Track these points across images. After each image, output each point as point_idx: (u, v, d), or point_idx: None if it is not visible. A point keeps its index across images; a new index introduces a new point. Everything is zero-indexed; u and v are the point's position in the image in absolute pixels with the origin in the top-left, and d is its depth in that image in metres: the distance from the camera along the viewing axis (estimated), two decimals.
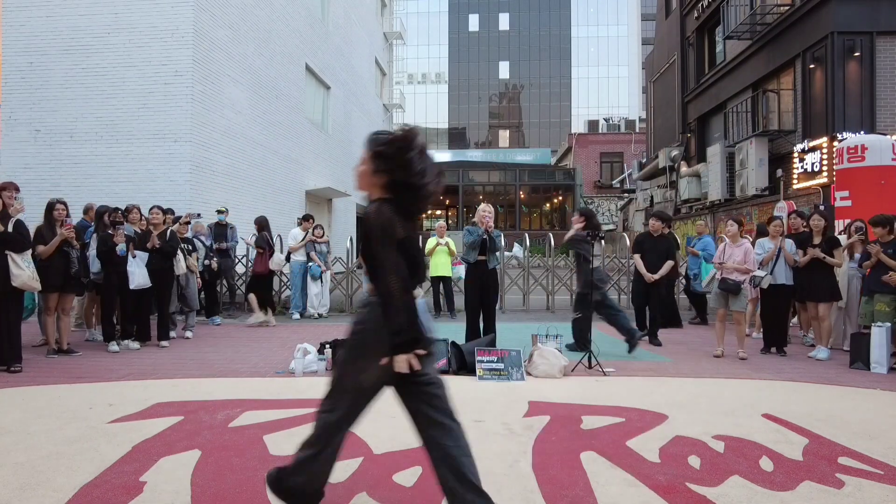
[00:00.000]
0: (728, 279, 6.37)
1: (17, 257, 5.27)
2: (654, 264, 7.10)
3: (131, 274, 6.41)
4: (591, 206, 35.58)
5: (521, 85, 55.49)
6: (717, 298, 6.51)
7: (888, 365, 5.69)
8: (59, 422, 3.79)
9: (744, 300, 6.48)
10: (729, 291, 6.36)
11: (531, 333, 6.07)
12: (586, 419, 3.98)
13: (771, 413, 4.15)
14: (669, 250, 7.25)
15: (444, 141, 55.70)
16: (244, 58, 12.65)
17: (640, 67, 48.15)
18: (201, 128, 10.95)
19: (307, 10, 16.41)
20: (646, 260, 7.19)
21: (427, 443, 2.25)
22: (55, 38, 10.78)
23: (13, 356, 5.33)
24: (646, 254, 7.23)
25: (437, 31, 55.27)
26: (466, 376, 5.25)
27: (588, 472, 3.02)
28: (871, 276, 6.03)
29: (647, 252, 7.23)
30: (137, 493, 2.72)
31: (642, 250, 7.27)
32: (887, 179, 7.73)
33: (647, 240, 7.34)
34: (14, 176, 9.29)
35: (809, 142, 12.47)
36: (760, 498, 2.74)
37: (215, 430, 3.65)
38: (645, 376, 5.42)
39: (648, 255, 7.20)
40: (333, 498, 2.68)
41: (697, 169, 18.33)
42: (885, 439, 3.62)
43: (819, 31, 12.43)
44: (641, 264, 7.19)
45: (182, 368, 5.58)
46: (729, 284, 6.34)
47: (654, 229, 7.29)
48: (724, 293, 6.42)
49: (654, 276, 7.03)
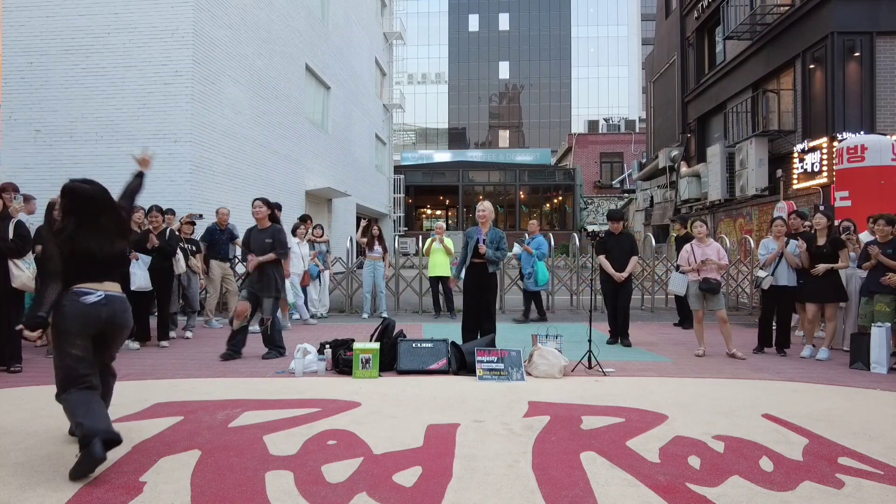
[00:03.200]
0: (710, 279, 6.39)
1: (18, 258, 5.28)
2: (619, 262, 7.12)
3: (133, 275, 6.40)
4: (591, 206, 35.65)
5: (521, 85, 55.50)
6: (696, 299, 6.53)
7: (888, 365, 5.69)
8: (59, 422, 3.78)
9: (722, 300, 6.54)
10: (709, 291, 6.39)
11: (531, 333, 6.07)
12: (586, 419, 3.98)
13: (771, 413, 4.15)
14: (633, 247, 7.28)
15: (444, 141, 55.73)
16: (244, 58, 12.65)
17: (640, 67, 48.18)
18: (201, 128, 10.95)
19: (307, 10, 16.41)
20: (611, 259, 7.19)
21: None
22: (55, 38, 10.78)
23: (13, 356, 5.33)
24: (610, 253, 7.22)
25: (437, 31, 55.28)
26: (466, 376, 5.25)
27: (588, 472, 3.02)
28: (870, 277, 6.02)
29: (610, 251, 7.23)
30: (137, 493, 2.72)
31: (606, 250, 7.26)
32: (887, 179, 7.73)
33: (609, 239, 7.34)
34: (14, 176, 9.29)
35: (809, 142, 12.48)
36: (760, 498, 2.74)
37: (215, 430, 3.65)
38: (645, 376, 5.42)
39: (613, 253, 7.20)
40: (333, 498, 2.68)
41: (697, 169, 18.35)
42: (885, 439, 3.62)
43: (819, 31, 12.44)
44: (608, 264, 7.17)
45: (182, 368, 5.57)
46: (711, 284, 6.37)
47: (615, 228, 7.30)
48: (702, 293, 6.45)
49: (622, 274, 7.05)
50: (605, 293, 7.55)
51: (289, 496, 2.70)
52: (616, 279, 7.09)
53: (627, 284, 7.26)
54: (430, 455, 3.26)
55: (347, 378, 5.16)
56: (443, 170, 38.52)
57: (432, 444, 3.44)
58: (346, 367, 5.30)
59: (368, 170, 23.91)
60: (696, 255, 6.59)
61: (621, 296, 7.21)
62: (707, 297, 6.46)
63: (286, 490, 2.77)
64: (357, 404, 4.29)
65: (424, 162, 42.70)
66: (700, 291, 6.46)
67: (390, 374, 5.34)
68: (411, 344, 5.53)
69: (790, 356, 6.51)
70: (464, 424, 3.82)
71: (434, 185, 37.67)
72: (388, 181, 28.51)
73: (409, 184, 33.44)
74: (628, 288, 7.33)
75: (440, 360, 5.42)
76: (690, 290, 6.68)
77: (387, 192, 28.07)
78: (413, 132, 55.94)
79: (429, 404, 4.32)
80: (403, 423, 3.85)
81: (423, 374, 5.31)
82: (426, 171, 37.83)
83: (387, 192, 28.09)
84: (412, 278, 10.61)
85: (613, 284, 7.20)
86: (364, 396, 4.50)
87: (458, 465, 3.10)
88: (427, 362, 5.41)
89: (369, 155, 24.07)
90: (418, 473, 2.99)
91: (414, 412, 4.10)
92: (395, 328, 5.79)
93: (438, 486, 2.83)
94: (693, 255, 6.60)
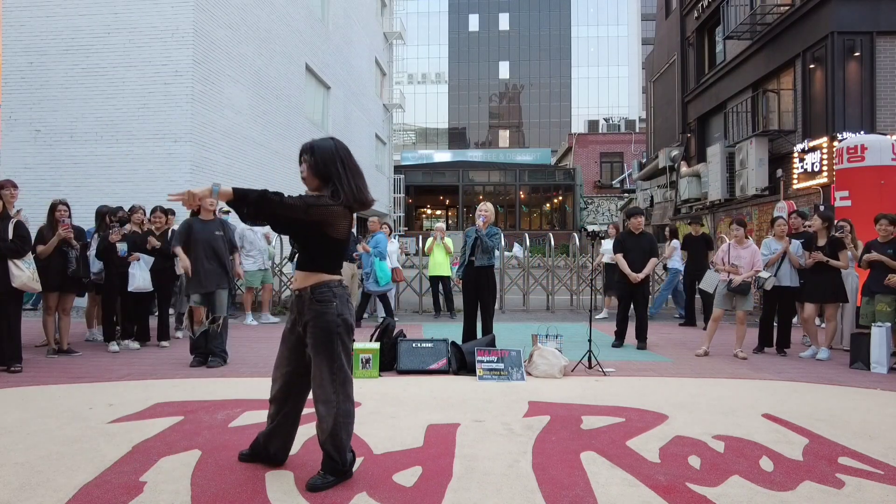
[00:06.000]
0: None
1: (18, 259, 5.27)
2: (637, 263, 6.87)
3: (132, 276, 6.40)
4: (591, 206, 35.63)
5: (521, 85, 55.49)
6: (723, 299, 6.47)
7: (888, 365, 5.69)
8: (59, 422, 3.78)
9: (751, 301, 6.47)
10: (737, 292, 6.35)
11: (531, 333, 6.06)
12: (586, 419, 3.98)
13: (771, 413, 4.15)
14: (652, 247, 7.00)
15: (444, 141, 55.72)
16: (244, 58, 12.64)
17: (640, 67, 48.15)
18: (201, 128, 10.95)
19: (307, 10, 16.41)
20: (628, 259, 6.93)
21: None
22: (55, 38, 10.77)
23: (13, 356, 5.33)
24: (628, 253, 6.96)
25: (437, 31, 55.27)
26: (466, 376, 5.25)
27: (588, 472, 3.02)
28: (871, 277, 6.02)
29: (628, 251, 6.96)
30: (137, 493, 2.72)
31: (624, 249, 6.99)
32: (887, 179, 7.71)
33: (628, 238, 7.07)
34: (14, 176, 9.24)
35: (809, 142, 12.47)
36: (760, 498, 2.74)
37: (215, 430, 3.65)
38: (645, 376, 5.42)
39: (631, 253, 6.94)
40: (333, 498, 2.68)
41: (697, 169, 18.33)
42: (885, 439, 3.62)
43: (819, 31, 12.43)
44: (625, 264, 6.89)
45: (182, 368, 5.57)
46: (739, 285, 6.33)
47: (635, 226, 7.03)
48: (731, 294, 6.40)
49: (638, 275, 6.80)
50: (619, 294, 7.24)
51: (289, 496, 2.70)
52: (632, 280, 6.81)
53: (644, 287, 7.01)
54: (430, 455, 3.26)
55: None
56: (443, 170, 38.53)
57: (432, 444, 3.44)
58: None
59: (368, 170, 23.90)
60: (730, 255, 6.51)
61: (638, 300, 6.94)
62: (736, 297, 6.39)
63: (286, 490, 2.76)
64: (357, 404, 4.27)
65: (424, 162, 42.72)
66: (728, 292, 6.40)
67: (390, 373, 5.34)
68: (411, 344, 5.54)
69: (790, 356, 6.51)
70: (464, 424, 3.82)
71: (434, 185, 37.68)
72: (388, 181, 28.51)
73: (409, 184, 33.45)
74: (645, 291, 7.10)
75: (440, 359, 5.43)
76: (718, 289, 6.58)
77: (387, 192, 28.06)
78: (413, 132, 55.93)
79: (429, 404, 4.32)
80: (403, 422, 3.85)
81: (423, 374, 5.31)
82: (426, 171, 37.84)
83: (387, 191, 28.08)
84: (412, 278, 10.61)
85: (629, 286, 6.91)
86: (364, 396, 4.50)
87: (458, 465, 3.10)
88: (427, 362, 5.41)
89: (369, 155, 24.07)
90: (418, 473, 2.99)
91: (414, 412, 4.10)
92: (394, 328, 5.80)
93: (438, 486, 2.83)
94: (728, 255, 6.53)
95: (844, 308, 6.80)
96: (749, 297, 6.39)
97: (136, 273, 6.43)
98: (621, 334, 7.05)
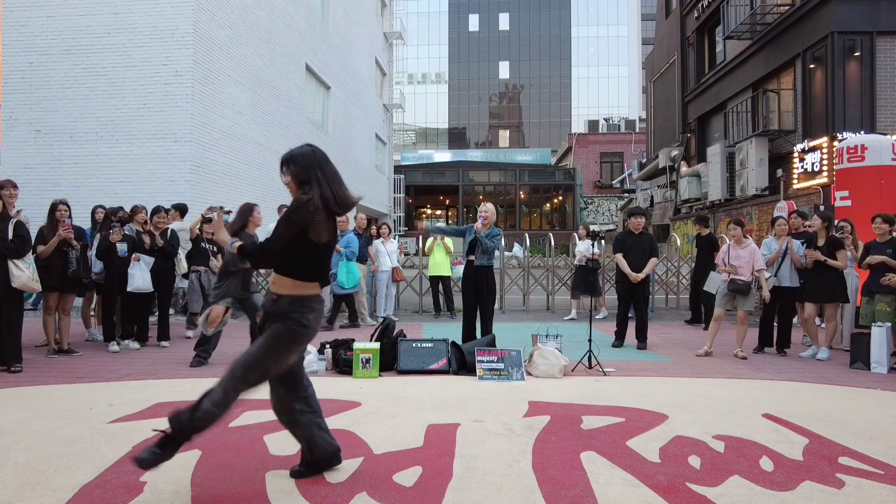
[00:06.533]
0: (737, 280, 6.35)
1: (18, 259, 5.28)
2: (637, 263, 6.84)
3: (131, 276, 6.39)
4: (591, 206, 35.64)
5: (521, 85, 55.47)
6: (723, 299, 6.47)
7: (888, 365, 5.69)
8: (59, 422, 3.78)
9: (752, 300, 6.47)
10: (738, 292, 6.35)
11: (531, 333, 6.06)
12: (586, 419, 3.98)
13: (771, 413, 4.15)
14: (653, 248, 6.97)
15: (444, 141, 55.72)
16: (244, 58, 12.64)
17: (640, 67, 48.14)
18: (201, 128, 10.95)
19: (307, 10, 16.41)
20: (628, 258, 6.88)
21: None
22: (55, 38, 10.77)
23: (13, 356, 5.33)
24: (628, 252, 6.93)
25: (437, 31, 55.24)
26: (466, 376, 5.25)
27: (588, 472, 3.02)
28: (871, 277, 6.02)
29: (629, 251, 6.93)
30: (137, 493, 2.72)
31: (624, 249, 6.96)
32: (887, 179, 7.71)
33: (628, 238, 7.04)
34: (14, 176, 9.27)
35: (809, 142, 12.48)
36: (760, 498, 2.74)
37: (215, 430, 3.63)
38: (645, 376, 5.42)
39: (631, 253, 6.91)
40: (333, 498, 2.68)
41: (697, 169, 18.35)
42: (885, 439, 3.62)
43: (819, 31, 12.44)
44: (625, 263, 6.84)
45: (182, 368, 5.57)
46: (739, 285, 6.31)
47: (636, 226, 7.00)
48: (732, 293, 6.41)
49: (638, 275, 6.77)
50: (619, 294, 7.19)
51: (289, 496, 2.70)
52: (632, 279, 6.77)
53: (644, 287, 6.99)
54: (431, 455, 3.26)
55: (347, 378, 5.16)
56: (443, 170, 38.53)
57: (432, 444, 3.44)
58: (347, 366, 5.30)
59: (368, 169, 23.90)
60: (729, 256, 6.50)
61: (638, 300, 6.92)
62: (737, 297, 6.39)
63: (286, 490, 2.77)
64: (357, 404, 4.29)
65: (424, 162, 42.71)
66: (729, 292, 6.40)
67: (390, 373, 5.34)
68: (411, 344, 5.54)
69: (790, 356, 6.51)
70: (464, 424, 3.82)
71: (434, 185, 37.68)
72: (388, 181, 28.51)
73: (409, 184, 33.44)
74: (645, 291, 7.08)
75: (440, 359, 5.43)
76: (719, 289, 6.59)
77: (387, 192, 28.06)
78: (413, 132, 55.91)
79: (429, 404, 4.32)
80: (403, 422, 3.85)
81: (423, 374, 5.31)
82: (426, 171, 37.84)
83: (387, 191, 28.08)
84: (412, 278, 10.61)
85: (629, 286, 6.87)
86: (364, 396, 4.50)
87: (458, 465, 3.10)
88: (427, 362, 5.41)
89: (369, 155, 24.06)
90: (418, 473, 2.99)
91: (414, 412, 4.10)
92: (395, 328, 5.80)
93: (438, 486, 2.83)
94: (728, 255, 6.53)
95: (844, 308, 6.80)
96: (750, 297, 6.39)
97: (135, 273, 6.42)
98: (621, 334, 7.04)
